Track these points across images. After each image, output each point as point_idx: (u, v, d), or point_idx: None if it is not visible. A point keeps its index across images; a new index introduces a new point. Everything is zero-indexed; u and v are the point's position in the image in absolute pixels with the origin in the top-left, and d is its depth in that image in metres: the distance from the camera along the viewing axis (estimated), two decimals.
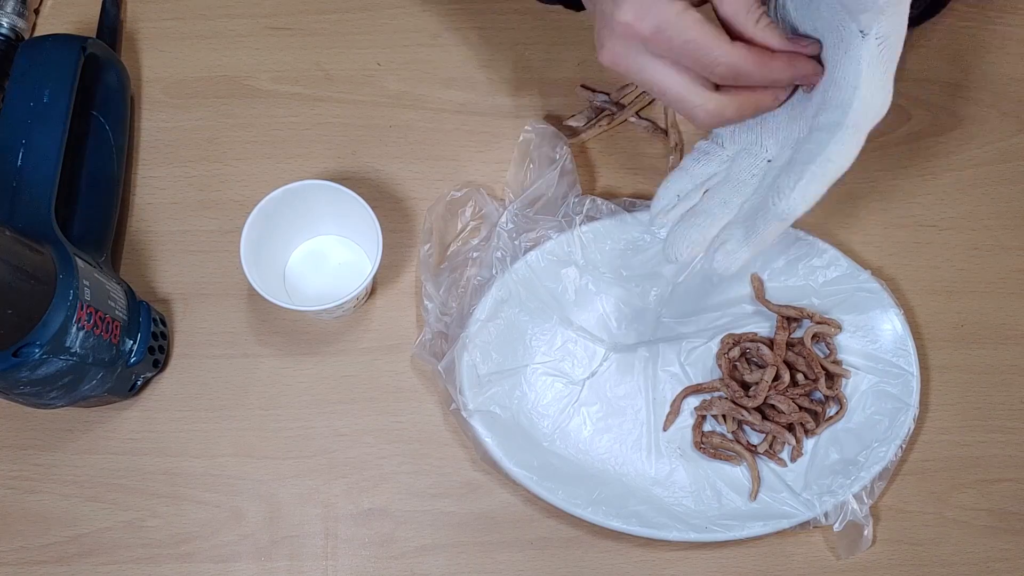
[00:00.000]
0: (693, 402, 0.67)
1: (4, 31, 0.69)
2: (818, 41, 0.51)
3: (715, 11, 0.51)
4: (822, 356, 0.66)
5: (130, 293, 0.63)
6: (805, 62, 0.51)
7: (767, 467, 0.65)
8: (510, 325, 0.66)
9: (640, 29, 0.48)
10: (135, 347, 0.62)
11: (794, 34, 0.51)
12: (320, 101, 0.72)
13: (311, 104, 0.72)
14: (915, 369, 0.65)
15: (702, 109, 0.51)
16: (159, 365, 0.66)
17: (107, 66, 0.67)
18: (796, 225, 0.67)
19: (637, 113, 0.71)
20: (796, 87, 0.53)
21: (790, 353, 0.66)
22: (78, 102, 0.63)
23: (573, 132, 0.71)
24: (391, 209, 0.70)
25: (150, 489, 0.65)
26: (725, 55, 0.49)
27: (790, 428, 0.65)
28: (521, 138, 0.68)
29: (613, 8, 0.49)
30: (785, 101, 0.53)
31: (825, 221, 0.70)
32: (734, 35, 0.50)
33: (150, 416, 0.66)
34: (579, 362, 0.67)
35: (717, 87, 0.51)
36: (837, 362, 0.67)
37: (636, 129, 0.71)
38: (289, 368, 0.67)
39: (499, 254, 0.66)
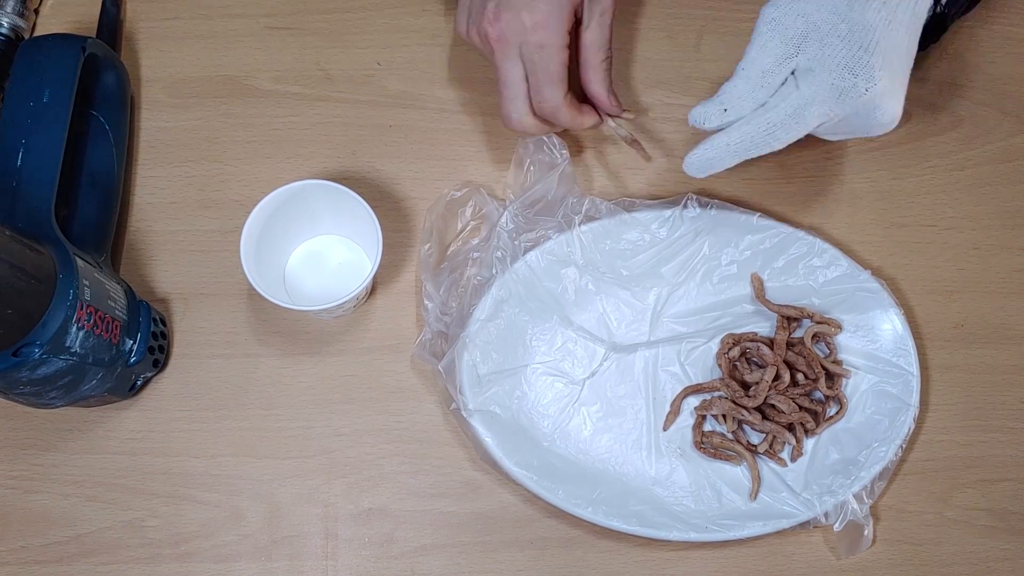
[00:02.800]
0: (693, 402, 0.67)
1: (4, 31, 0.69)
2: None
3: (580, 35, 0.61)
4: (822, 356, 0.66)
5: (130, 293, 0.63)
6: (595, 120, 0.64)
7: (767, 467, 0.65)
8: (510, 325, 0.66)
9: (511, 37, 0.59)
10: (135, 347, 0.62)
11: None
12: (320, 101, 0.72)
13: (311, 104, 0.72)
14: (915, 369, 0.65)
15: (514, 120, 0.62)
16: (159, 365, 0.66)
17: (107, 66, 0.67)
18: (796, 225, 0.68)
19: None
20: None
21: (790, 353, 0.66)
22: (78, 102, 0.63)
23: None
24: (391, 209, 0.70)
25: (150, 489, 0.65)
26: (551, 97, 0.60)
27: (790, 428, 0.65)
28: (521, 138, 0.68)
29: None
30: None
31: (825, 221, 0.70)
32: (580, 61, 0.61)
33: (150, 416, 0.66)
34: (579, 362, 0.67)
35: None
36: (837, 362, 0.67)
37: (614, 133, 0.70)
38: (289, 368, 0.67)
39: (499, 254, 0.66)
